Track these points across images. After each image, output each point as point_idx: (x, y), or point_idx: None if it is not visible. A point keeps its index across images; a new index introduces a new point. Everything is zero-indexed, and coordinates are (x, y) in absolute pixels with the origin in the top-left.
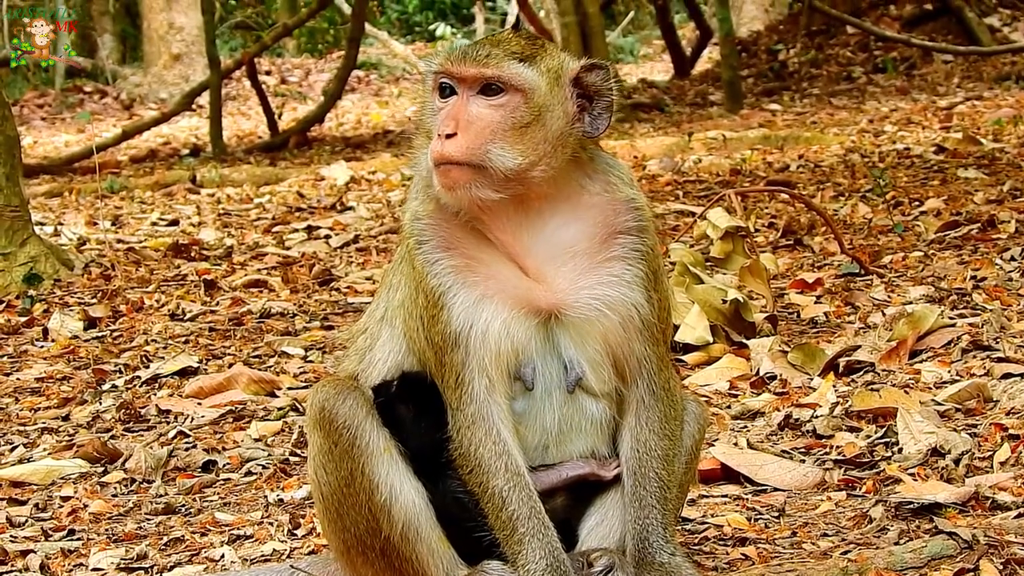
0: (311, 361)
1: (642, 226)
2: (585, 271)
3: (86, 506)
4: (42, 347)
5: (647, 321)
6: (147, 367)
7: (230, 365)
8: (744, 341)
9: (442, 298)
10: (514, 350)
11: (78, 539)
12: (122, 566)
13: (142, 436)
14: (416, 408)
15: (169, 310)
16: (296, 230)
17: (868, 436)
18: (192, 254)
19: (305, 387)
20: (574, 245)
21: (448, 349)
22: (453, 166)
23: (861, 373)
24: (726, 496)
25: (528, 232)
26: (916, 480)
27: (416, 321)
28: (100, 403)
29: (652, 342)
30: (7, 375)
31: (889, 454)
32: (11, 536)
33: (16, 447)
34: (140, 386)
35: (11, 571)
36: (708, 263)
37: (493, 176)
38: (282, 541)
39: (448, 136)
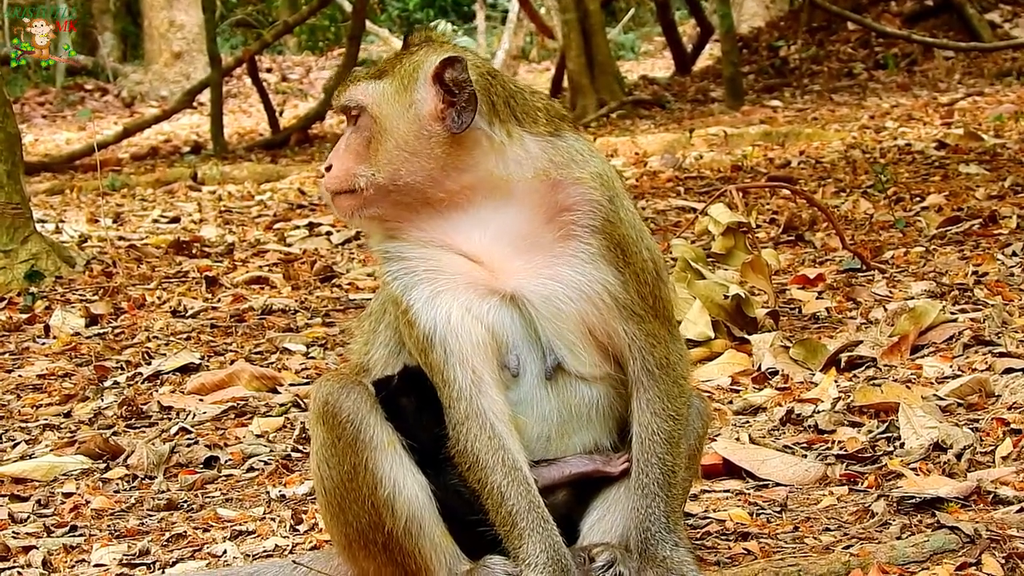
0: (313, 357)
1: (588, 198)
2: (535, 252)
3: (88, 502)
4: (44, 344)
5: (621, 299)
6: (149, 364)
7: (232, 362)
8: (746, 336)
9: (404, 300)
10: (491, 339)
11: (80, 535)
12: (124, 562)
13: (144, 432)
14: (418, 401)
15: (171, 307)
16: (297, 227)
17: (870, 431)
18: (193, 251)
19: (307, 383)
20: (515, 228)
21: (428, 349)
22: (336, 196)
23: (863, 368)
24: (728, 491)
25: (464, 227)
26: (918, 475)
27: (402, 325)
28: (102, 400)
29: (635, 320)
30: (9, 372)
31: (891, 449)
32: (13, 532)
33: (18, 444)
34: (142, 383)
35: (13, 567)
36: (710, 259)
37: (367, 196)
38: (284, 537)
39: (327, 170)
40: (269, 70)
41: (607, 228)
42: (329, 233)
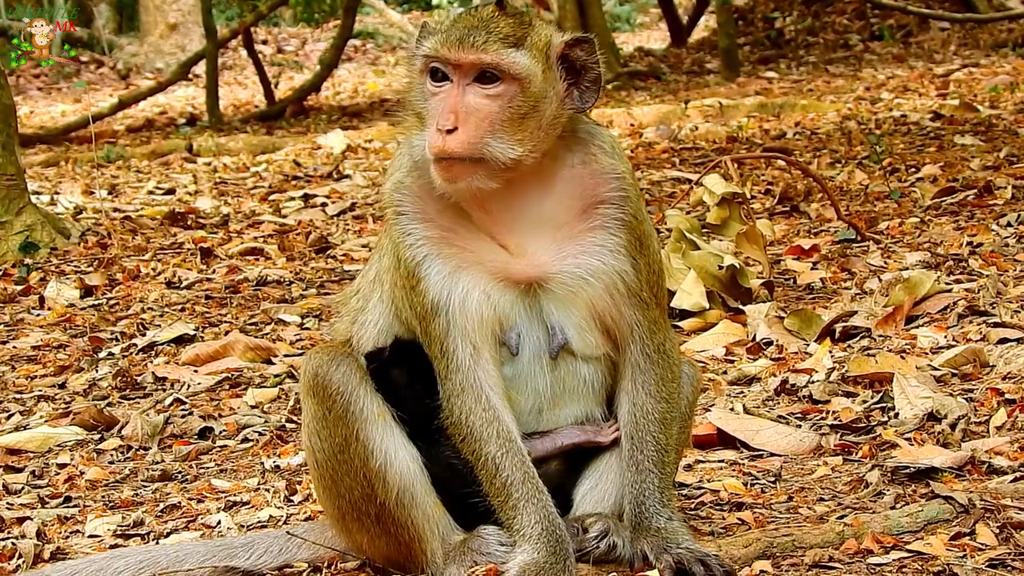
0: (307, 328)
1: (624, 195)
2: (565, 242)
3: (83, 473)
4: (38, 315)
5: (633, 288)
6: (143, 335)
7: (226, 332)
8: (740, 307)
9: (418, 269)
10: (496, 318)
11: (75, 506)
12: (119, 532)
13: (138, 403)
14: (409, 373)
15: (165, 278)
16: (292, 198)
17: (864, 401)
18: (188, 222)
19: (301, 354)
20: (554, 218)
21: (430, 318)
22: (455, 161)
23: (857, 338)
24: (723, 461)
25: (507, 209)
26: (912, 445)
27: (400, 290)
28: (96, 371)
29: (641, 307)
30: (3, 343)
31: (885, 419)
32: (8, 503)
33: (13, 415)
34: (136, 354)
35: (8, 538)
36: (704, 229)
37: (492, 167)
38: (278, 507)
39: (450, 131)
40: (264, 42)
41: (633, 223)
42: (324, 204)
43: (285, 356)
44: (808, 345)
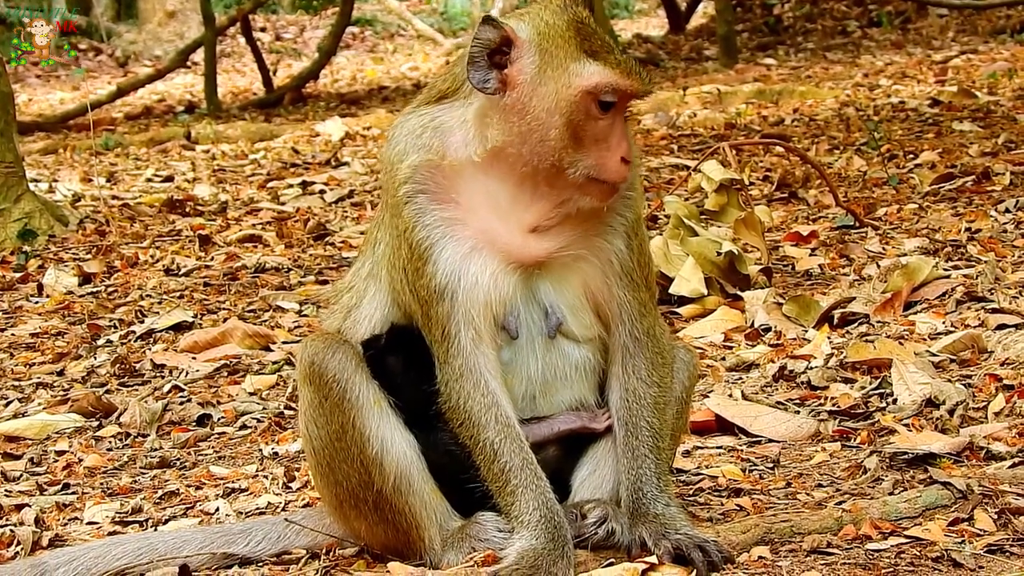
0: (306, 315)
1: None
2: (576, 224)
3: (81, 460)
4: (37, 303)
5: (626, 266)
6: (142, 322)
7: (225, 319)
8: (739, 293)
9: (429, 251)
10: (501, 301)
11: (73, 493)
12: (117, 519)
13: (137, 390)
14: (405, 360)
15: (164, 265)
16: (291, 185)
17: (863, 387)
18: (187, 210)
19: (299, 341)
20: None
21: (434, 302)
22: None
23: (856, 325)
24: (721, 447)
25: (545, 195)
26: (911, 431)
27: (400, 273)
28: (95, 358)
29: (632, 287)
30: (2, 331)
31: (884, 405)
32: (6, 490)
33: (11, 402)
34: (135, 341)
35: (6, 525)
36: (703, 216)
37: None
38: (277, 494)
39: (627, 162)
40: (263, 29)
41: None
42: (322, 191)
43: (283, 343)
44: (806, 331)
